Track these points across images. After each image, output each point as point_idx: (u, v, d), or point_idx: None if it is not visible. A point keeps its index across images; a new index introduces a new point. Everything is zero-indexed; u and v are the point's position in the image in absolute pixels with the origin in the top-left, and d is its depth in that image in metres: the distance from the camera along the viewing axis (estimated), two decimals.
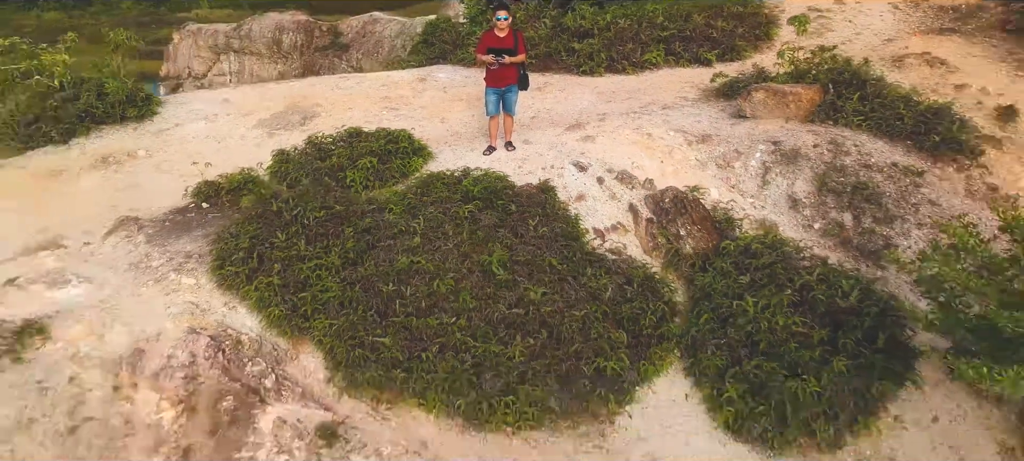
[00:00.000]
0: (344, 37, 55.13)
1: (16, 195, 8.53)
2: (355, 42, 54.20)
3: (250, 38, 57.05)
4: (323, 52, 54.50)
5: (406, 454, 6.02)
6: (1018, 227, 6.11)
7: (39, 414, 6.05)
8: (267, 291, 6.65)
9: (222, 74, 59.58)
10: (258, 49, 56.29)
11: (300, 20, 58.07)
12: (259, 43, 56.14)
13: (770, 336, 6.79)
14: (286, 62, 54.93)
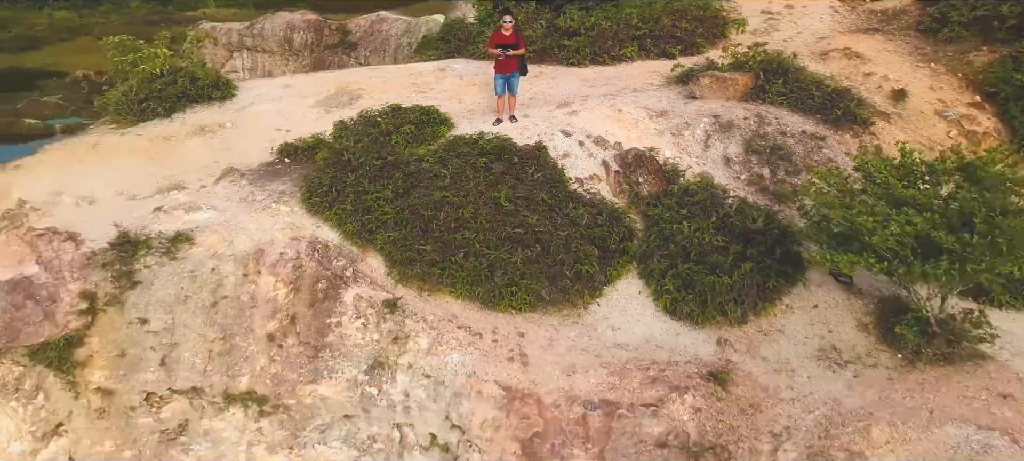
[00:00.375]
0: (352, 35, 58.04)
1: (141, 153, 11.29)
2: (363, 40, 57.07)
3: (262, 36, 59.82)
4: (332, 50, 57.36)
5: (442, 320, 8.78)
6: (863, 166, 8.88)
7: (191, 293, 8.82)
8: (343, 214, 9.42)
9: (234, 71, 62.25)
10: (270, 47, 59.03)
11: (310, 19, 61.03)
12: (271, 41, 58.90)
13: (698, 248, 9.56)
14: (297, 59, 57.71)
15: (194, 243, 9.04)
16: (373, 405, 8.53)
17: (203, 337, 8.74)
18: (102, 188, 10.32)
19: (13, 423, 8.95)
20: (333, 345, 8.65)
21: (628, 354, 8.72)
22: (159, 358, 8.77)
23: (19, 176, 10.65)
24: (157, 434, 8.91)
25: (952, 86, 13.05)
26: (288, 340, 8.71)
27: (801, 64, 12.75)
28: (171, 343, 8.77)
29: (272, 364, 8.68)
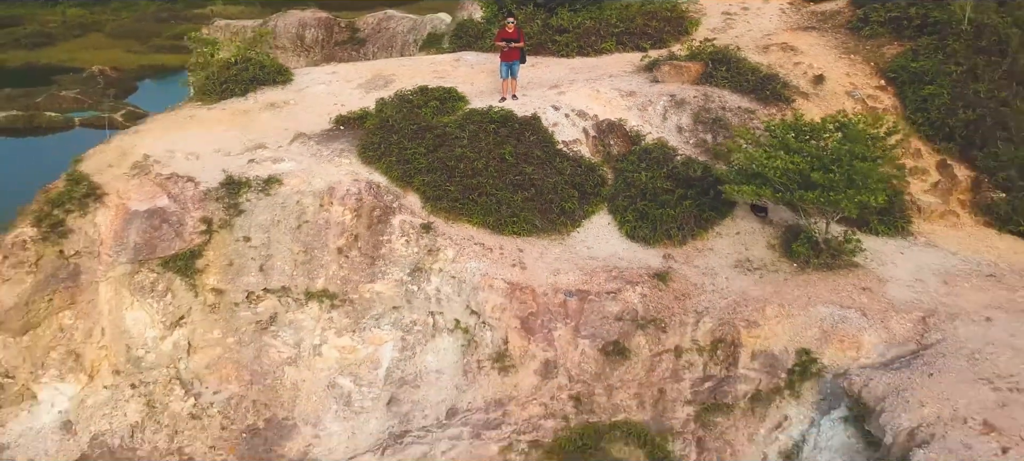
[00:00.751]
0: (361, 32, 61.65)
1: (227, 123, 14.58)
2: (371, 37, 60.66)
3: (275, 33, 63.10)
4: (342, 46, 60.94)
5: (463, 239, 12.10)
6: (768, 127, 12.21)
7: (282, 218, 12.14)
8: (389, 164, 12.73)
9: None
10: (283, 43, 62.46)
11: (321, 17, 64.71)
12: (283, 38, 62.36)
13: (652, 191, 12.87)
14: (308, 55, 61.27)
15: (282, 183, 12.36)
16: (414, 298, 11.85)
17: (290, 250, 12.06)
18: (202, 147, 13.61)
19: (148, 316, 12.27)
20: (385, 255, 11.97)
21: (598, 263, 12.05)
22: (258, 266, 12.09)
23: (138, 138, 13.94)
24: (253, 324, 12.22)
25: (864, 73, 16.35)
26: (352, 252, 12.03)
27: (743, 55, 16.03)
28: (267, 255, 12.09)
29: (341, 270, 12.00)
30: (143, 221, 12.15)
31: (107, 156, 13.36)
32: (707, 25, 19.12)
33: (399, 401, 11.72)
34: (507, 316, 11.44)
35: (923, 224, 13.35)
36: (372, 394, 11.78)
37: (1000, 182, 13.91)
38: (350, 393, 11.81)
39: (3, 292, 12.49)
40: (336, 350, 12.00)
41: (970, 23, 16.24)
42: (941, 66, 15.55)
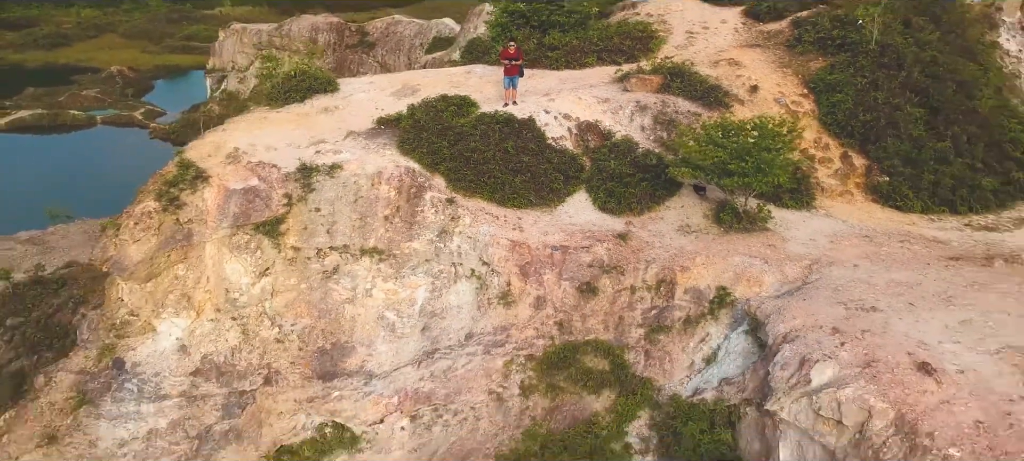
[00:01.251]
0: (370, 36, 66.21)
1: (292, 123, 18.79)
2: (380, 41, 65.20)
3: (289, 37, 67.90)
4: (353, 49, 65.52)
5: (477, 210, 16.33)
6: (703, 126, 16.44)
7: (343, 194, 16.36)
8: (421, 154, 16.96)
9: None
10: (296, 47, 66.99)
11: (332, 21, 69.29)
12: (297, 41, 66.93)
13: (619, 174, 17.12)
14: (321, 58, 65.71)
15: (342, 169, 16.57)
16: (440, 253, 16.08)
17: (349, 218, 16.27)
18: (277, 142, 17.81)
19: (242, 267, 16.47)
20: (419, 221, 16.20)
21: (576, 227, 16.29)
22: (325, 229, 16.31)
23: (227, 135, 18.15)
24: (321, 273, 16.43)
25: (792, 83, 20.60)
26: (395, 219, 16.25)
27: (696, 69, 20.27)
28: (332, 221, 16.30)
29: (386, 232, 16.23)
30: (239, 196, 16.36)
31: (205, 148, 17.57)
32: (673, 42, 23.38)
33: (430, 328, 15.96)
34: (509, 265, 15.67)
35: (825, 200, 17.62)
36: (410, 324, 16.02)
37: (886, 169, 18.18)
38: (394, 323, 16.05)
39: (132, 250, 16.74)
40: (383, 292, 16.22)
41: (877, 43, 20.48)
42: (850, 78, 19.82)
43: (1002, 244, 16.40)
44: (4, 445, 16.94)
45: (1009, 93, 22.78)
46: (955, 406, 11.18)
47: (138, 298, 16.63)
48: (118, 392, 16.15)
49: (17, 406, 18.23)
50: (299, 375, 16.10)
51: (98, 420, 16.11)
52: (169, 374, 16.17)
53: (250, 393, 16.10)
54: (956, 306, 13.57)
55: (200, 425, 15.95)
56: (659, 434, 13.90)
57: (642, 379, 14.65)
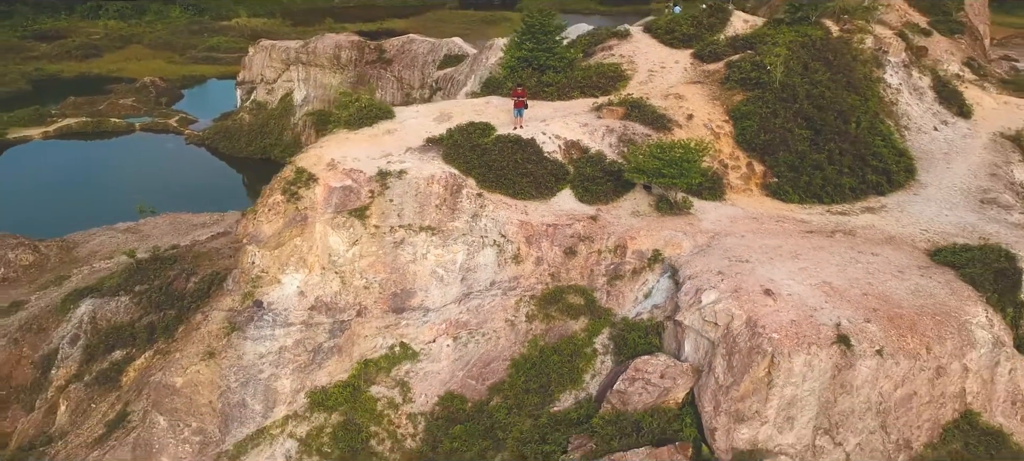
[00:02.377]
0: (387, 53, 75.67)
1: (367, 142, 26.95)
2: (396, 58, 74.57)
3: (315, 53, 77.21)
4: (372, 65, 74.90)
5: (498, 201, 24.54)
6: (647, 146, 24.69)
7: (408, 191, 24.58)
8: (459, 163, 25.15)
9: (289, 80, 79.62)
10: (321, 62, 76.31)
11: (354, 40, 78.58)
12: (322, 57, 76.22)
13: (592, 177, 25.36)
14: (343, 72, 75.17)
15: (406, 173, 24.74)
16: (473, 229, 24.25)
17: (412, 206, 24.43)
18: (359, 154, 25.96)
19: (340, 239, 24.63)
20: (458, 208, 24.38)
21: (563, 212, 24.51)
22: (396, 214, 24.48)
23: (324, 150, 26.28)
24: (392, 243, 24.59)
25: (719, 112, 28.81)
26: (442, 207, 24.43)
27: (650, 102, 28.46)
28: (400, 208, 24.47)
29: (437, 215, 24.39)
30: (338, 192, 24.52)
31: (310, 159, 25.73)
32: (637, 79, 31.61)
33: (466, 279, 24.14)
34: (519, 237, 23.86)
35: (732, 194, 25.83)
36: (452, 276, 24.19)
37: (776, 173, 26.37)
38: (442, 276, 24.23)
39: (265, 227, 24.90)
40: (434, 255, 24.40)
41: (779, 82, 28.72)
42: (758, 108, 28.03)
43: (847, 223, 24.63)
44: (177, 360, 25.16)
45: (886, 116, 31.04)
46: (781, 312, 19.39)
47: (268, 260, 24.81)
48: (258, 322, 24.34)
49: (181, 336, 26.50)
50: (379, 310, 24.30)
51: (244, 340, 24.29)
52: (292, 309, 24.36)
53: (347, 322, 24.30)
54: (799, 259, 21.79)
55: (314, 343, 24.14)
56: (614, 342, 22.05)
57: (605, 309, 22.84)
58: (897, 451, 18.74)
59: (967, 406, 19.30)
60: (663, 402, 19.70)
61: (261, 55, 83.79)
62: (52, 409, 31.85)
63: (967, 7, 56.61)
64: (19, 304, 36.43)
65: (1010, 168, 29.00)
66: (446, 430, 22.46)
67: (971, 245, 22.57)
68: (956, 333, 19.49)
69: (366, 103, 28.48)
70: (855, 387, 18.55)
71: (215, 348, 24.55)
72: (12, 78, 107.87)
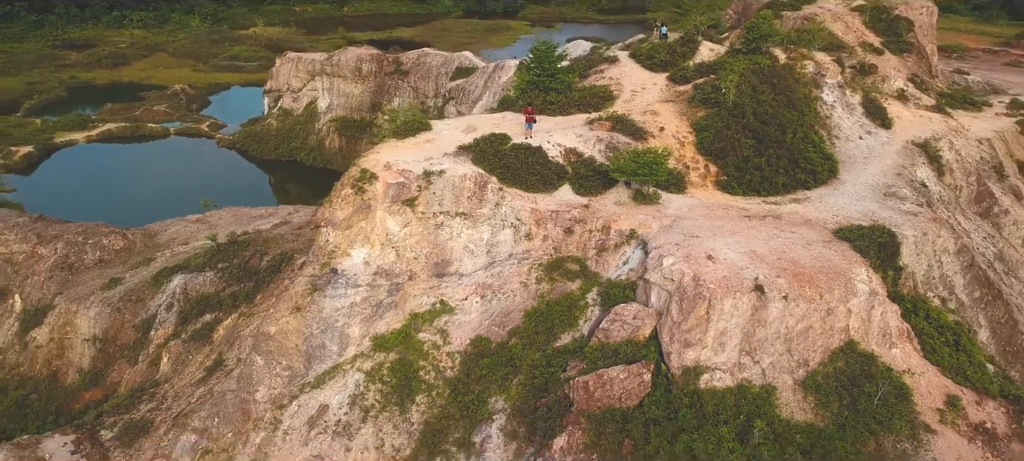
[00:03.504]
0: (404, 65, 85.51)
1: (413, 148, 34.97)
2: (412, 70, 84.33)
3: (338, 65, 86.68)
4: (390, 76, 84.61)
5: (515, 193, 32.59)
6: (627, 152, 32.79)
7: (446, 185, 32.64)
8: (485, 165, 33.19)
9: (314, 89, 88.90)
10: (344, 73, 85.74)
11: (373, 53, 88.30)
12: (345, 69, 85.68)
13: (585, 175, 33.45)
14: (364, 83, 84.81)
15: (445, 172, 32.75)
16: (495, 214, 32.29)
17: (450, 197, 32.45)
18: (408, 158, 33.96)
19: (395, 222, 32.67)
20: (485, 199, 32.40)
21: (564, 202, 32.58)
22: (438, 203, 32.50)
23: (380, 155, 34.28)
24: (434, 226, 32.62)
25: (685, 125, 36.87)
26: (473, 198, 32.45)
27: (631, 117, 36.49)
28: (441, 198, 32.49)
29: (468, 204, 32.41)
30: (394, 186, 32.53)
31: (371, 161, 33.73)
32: (622, 98, 39.65)
33: (490, 252, 32.16)
34: (530, 220, 31.89)
35: (692, 189, 33.87)
36: (480, 250, 32.21)
37: (726, 173, 34.38)
38: (472, 250, 32.25)
39: (338, 213, 32.91)
40: (466, 235, 32.41)
41: (732, 102, 36.78)
42: (714, 122, 36.07)
43: (776, 210, 32.67)
44: (271, 315, 33.17)
45: (821, 127, 39.10)
46: (717, 270, 27.44)
47: (340, 238, 32.84)
48: (334, 284, 32.36)
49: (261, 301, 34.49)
50: (424, 276, 32.31)
51: (323, 298, 32.30)
52: (360, 275, 32.38)
53: (400, 284, 32.31)
54: (735, 235, 29.83)
55: (376, 300, 32.15)
56: (601, 296, 30.02)
57: (594, 273, 30.84)
58: (798, 367, 26.76)
59: (849, 337, 27.31)
60: (635, 336, 27.73)
61: (288, 66, 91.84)
62: (153, 362, 39.87)
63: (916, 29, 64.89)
64: (116, 280, 44.40)
65: (914, 169, 37.04)
66: (476, 362, 30.44)
67: (864, 225, 30.64)
68: (843, 286, 27.53)
69: (410, 118, 36.45)
70: (768, 322, 26.58)
71: (301, 304, 32.56)
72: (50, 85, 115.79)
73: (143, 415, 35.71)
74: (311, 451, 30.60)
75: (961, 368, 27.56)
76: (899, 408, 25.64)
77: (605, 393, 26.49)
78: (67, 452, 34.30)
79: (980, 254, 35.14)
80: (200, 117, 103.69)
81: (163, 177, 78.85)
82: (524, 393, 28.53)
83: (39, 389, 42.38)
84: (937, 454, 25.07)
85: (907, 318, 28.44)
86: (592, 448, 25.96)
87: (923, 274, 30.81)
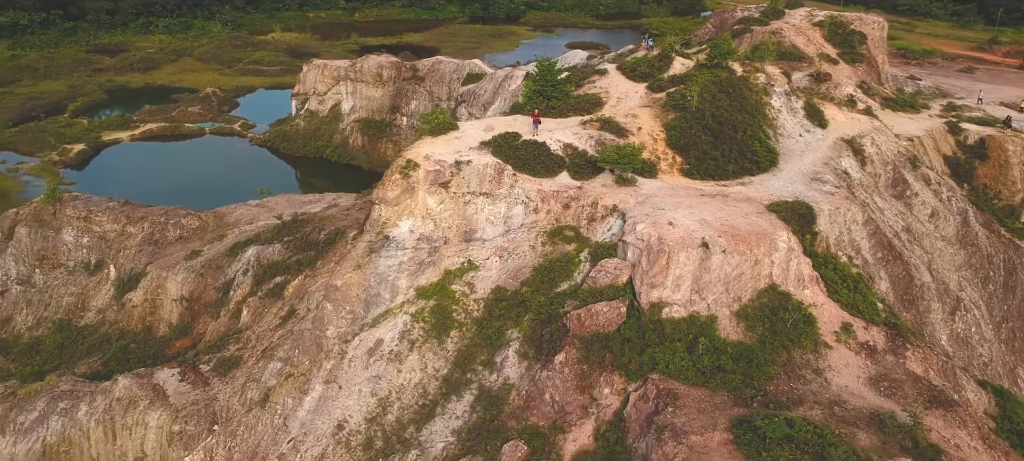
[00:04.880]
0: (420, 72, 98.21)
1: (443, 144, 44.86)
2: (428, 75, 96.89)
3: (361, 71, 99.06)
4: (408, 81, 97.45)
5: (526, 177, 42.54)
6: (612, 146, 42.78)
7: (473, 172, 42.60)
8: (501, 156, 43.10)
9: (338, 93, 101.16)
10: (366, 79, 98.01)
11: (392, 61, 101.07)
12: (367, 75, 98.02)
13: (579, 164, 43.38)
14: (384, 87, 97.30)
15: (471, 162, 42.66)
16: (510, 194, 42.21)
17: (475, 180, 42.34)
18: (441, 151, 43.81)
19: (433, 199, 42.60)
20: (502, 182, 42.31)
21: (563, 184, 42.55)
22: (467, 184, 42.40)
23: (420, 149, 44.12)
24: (463, 203, 42.52)
25: (658, 126, 46.82)
26: (493, 181, 42.33)
27: (615, 119, 46.40)
28: (469, 181, 42.38)
29: (489, 186, 42.31)
30: (432, 172, 42.40)
31: (413, 153, 43.63)
32: (609, 104, 49.59)
33: (506, 223, 42.08)
34: (537, 198, 41.81)
35: (661, 175, 43.81)
36: (499, 220, 42.14)
37: (689, 162, 44.30)
38: (493, 221, 42.19)
39: (389, 193, 42.84)
40: (487, 210, 42.34)
41: (695, 107, 46.74)
42: (681, 124, 46.01)
43: (725, 191, 42.56)
44: (337, 271, 43.12)
45: (768, 127, 49.01)
46: (676, 232, 37.40)
47: (390, 213, 42.77)
48: (387, 248, 42.30)
49: (320, 266, 44.51)
50: (456, 241, 42.21)
51: (378, 258, 42.24)
52: (406, 240, 42.30)
53: (437, 247, 42.21)
54: (692, 208, 39.75)
55: (419, 259, 42.07)
56: (591, 255, 39.86)
57: (585, 237, 40.72)
58: (733, 302, 36.62)
59: (772, 281, 37.15)
60: (615, 282, 37.60)
61: (314, 72, 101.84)
62: (234, 315, 49.77)
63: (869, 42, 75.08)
64: (197, 252, 54.26)
65: (839, 160, 46.93)
66: (496, 305, 40.28)
67: (789, 201, 40.55)
68: (768, 244, 37.41)
69: (442, 120, 46.35)
70: (711, 269, 36.46)
71: (361, 263, 42.48)
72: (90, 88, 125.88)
73: (232, 353, 45.61)
74: (370, 373, 40.49)
75: (856, 305, 37.42)
76: (806, 331, 35.50)
77: (593, 322, 36.36)
78: (175, 380, 44.23)
79: (888, 226, 45.08)
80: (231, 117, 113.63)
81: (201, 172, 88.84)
82: (532, 325, 38.39)
83: (136, 340, 52.34)
84: (831, 362, 34.95)
85: (818, 269, 38.31)
86: (583, 361, 35.83)
87: (835, 238, 40.70)
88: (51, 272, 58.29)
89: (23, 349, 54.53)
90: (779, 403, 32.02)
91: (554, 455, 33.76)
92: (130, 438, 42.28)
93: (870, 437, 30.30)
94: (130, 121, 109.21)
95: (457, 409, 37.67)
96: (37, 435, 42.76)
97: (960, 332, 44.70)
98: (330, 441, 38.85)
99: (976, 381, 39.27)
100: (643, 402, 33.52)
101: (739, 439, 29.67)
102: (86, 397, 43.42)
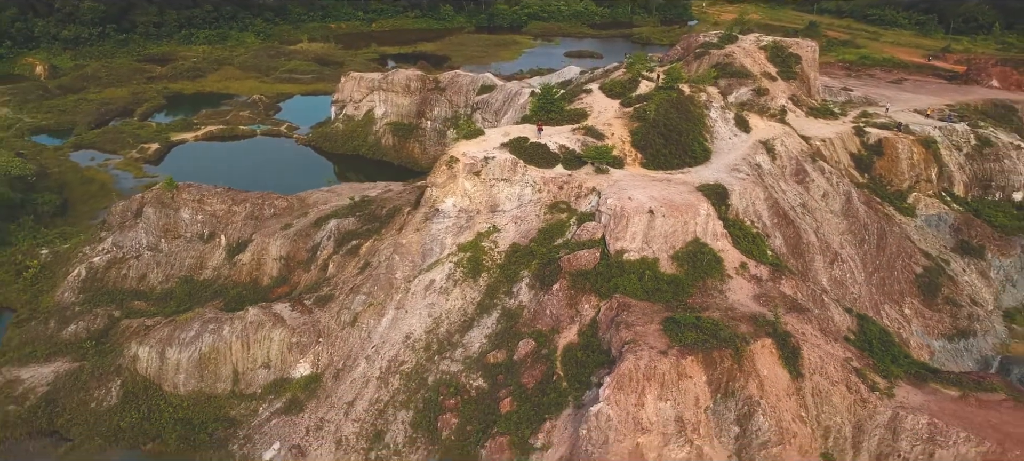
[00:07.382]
0: (442, 83, 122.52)
1: (474, 145, 64.01)
2: (448, 86, 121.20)
3: (391, 82, 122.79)
4: (431, 91, 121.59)
5: (529, 166, 61.82)
6: (592, 147, 62.12)
7: (496, 166, 61.87)
8: (515, 153, 62.31)
9: (371, 100, 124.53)
10: (396, 89, 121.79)
11: (419, 74, 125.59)
12: (397, 86, 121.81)
13: (570, 159, 62.70)
14: (411, 96, 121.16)
15: (495, 158, 61.82)
16: (522, 180, 61.42)
17: (498, 170, 61.47)
18: (473, 150, 62.90)
19: (469, 183, 61.84)
20: (516, 171, 61.50)
21: (559, 173, 61.83)
22: (493, 173, 61.56)
23: (458, 148, 63.20)
24: (489, 186, 61.72)
25: (626, 132, 66.10)
26: (510, 171, 61.51)
27: (595, 126, 65.62)
28: (493, 171, 61.51)
29: (508, 174, 61.51)
30: (468, 165, 61.51)
31: (454, 151, 62.80)
32: (592, 116, 68.90)
33: (519, 199, 61.31)
34: (540, 182, 61.00)
35: (627, 167, 63.12)
36: (515, 198, 61.38)
37: (646, 158, 63.53)
38: (510, 198, 61.43)
39: (438, 179, 62.09)
40: (506, 191, 61.57)
41: (652, 119, 66.06)
42: (641, 130, 65.29)
43: (670, 177, 61.73)
44: (403, 233, 62.59)
45: (706, 132, 68.28)
46: (633, 204, 56.80)
47: (438, 193, 62.10)
48: (437, 217, 61.66)
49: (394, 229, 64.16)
50: (484, 212, 61.48)
51: (431, 224, 61.63)
52: (450, 212, 61.61)
53: (472, 217, 61.47)
54: (646, 189, 59.05)
55: (459, 225, 61.39)
56: (578, 220, 58.99)
57: (574, 208, 59.89)
58: (670, 249, 55.81)
59: (696, 235, 56.29)
60: (593, 237, 56.88)
61: (351, 83, 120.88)
62: (321, 268, 69.04)
63: (803, 62, 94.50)
64: (289, 225, 73.36)
65: (755, 156, 66.10)
66: (513, 255, 59.40)
67: (711, 184, 59.79)
68: (694, 211, 56.61)
69: (473, 128, 65.44)
70: (656, 228, 55.70)
71: (420, 227, 61.75)
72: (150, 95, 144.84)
73: (326, 292, 64.90)
74: (427, 302, 59.80)
75: (751, 251, 56.67)
76: (716, 267, 54.72)
77: (578, 263, 55.60)
78: (288, 310, 63.52)
79: (787, 201, 64.34)
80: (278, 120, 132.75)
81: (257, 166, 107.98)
82: (537, 267, 57.64)
83: (247, 289, 71.53)
84: (731, 287, 54.19)
85: (727, 228, 57.54)
86: (571, 287, 55.08)
87: (743, 209, 59.95)
88: (173, 241, 77.43)
89: (158, 297, 73.71)
90: (693, 309, 51.38)
91: (552, 346, 53.10)
92: (260, 348, 61.53)
93: (747, 327, 49.63)
94: (192, 123, 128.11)
95: (487, 322, 56.95)
96: (195, 347, 61.98)
97: (837, 276, 64.00)
98: (401, 346, 58.15)
99: (843, 308, 58.70)
100: (609, 311, 52.86)
101: (666, 327, 49.00)
102: (227, 321, 62.66)
